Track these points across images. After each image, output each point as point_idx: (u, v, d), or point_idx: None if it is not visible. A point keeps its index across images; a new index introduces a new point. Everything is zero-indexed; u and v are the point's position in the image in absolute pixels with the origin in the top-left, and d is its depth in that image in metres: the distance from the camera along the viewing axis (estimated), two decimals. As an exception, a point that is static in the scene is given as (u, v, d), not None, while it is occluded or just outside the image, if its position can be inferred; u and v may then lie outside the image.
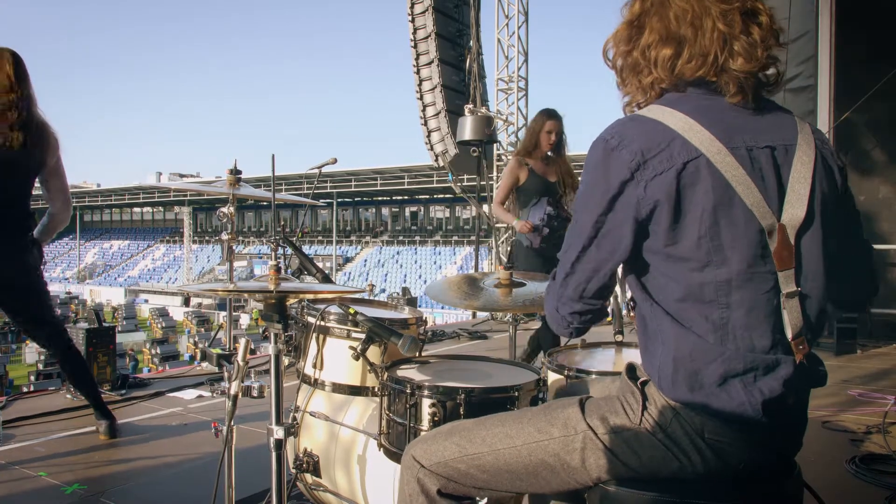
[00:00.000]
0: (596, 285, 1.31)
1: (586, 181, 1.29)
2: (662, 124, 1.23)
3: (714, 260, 1.20)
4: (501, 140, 10.43)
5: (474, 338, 7.03)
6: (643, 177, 1.20)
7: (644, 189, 1.20)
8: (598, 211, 1.25)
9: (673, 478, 1.25)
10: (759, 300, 1.21)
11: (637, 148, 1.21)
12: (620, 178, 1.22)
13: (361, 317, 2.01)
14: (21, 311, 3.18)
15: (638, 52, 1.32)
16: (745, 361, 1.20)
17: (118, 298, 43.70)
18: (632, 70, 1.34)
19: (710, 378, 1.21)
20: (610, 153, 1.23)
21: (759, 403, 1.19)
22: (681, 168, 1.19)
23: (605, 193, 1.23)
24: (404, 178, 39.47)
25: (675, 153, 1.20)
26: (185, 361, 21.40)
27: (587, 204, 1.27)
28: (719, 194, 1.19)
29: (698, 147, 1.20)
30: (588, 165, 1.28)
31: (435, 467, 1.39)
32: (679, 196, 1.20)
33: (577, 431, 1.30)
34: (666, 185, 1.19)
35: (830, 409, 3.91)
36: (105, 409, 3.37)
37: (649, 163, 1.20)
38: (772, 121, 1.28)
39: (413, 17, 10.03)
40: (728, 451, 1.22)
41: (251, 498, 2.55)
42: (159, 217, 58.68)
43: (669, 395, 1.24)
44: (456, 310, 19.95)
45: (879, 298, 6.77)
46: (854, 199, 1.42)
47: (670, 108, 1.26)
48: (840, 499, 2.61)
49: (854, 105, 6.41)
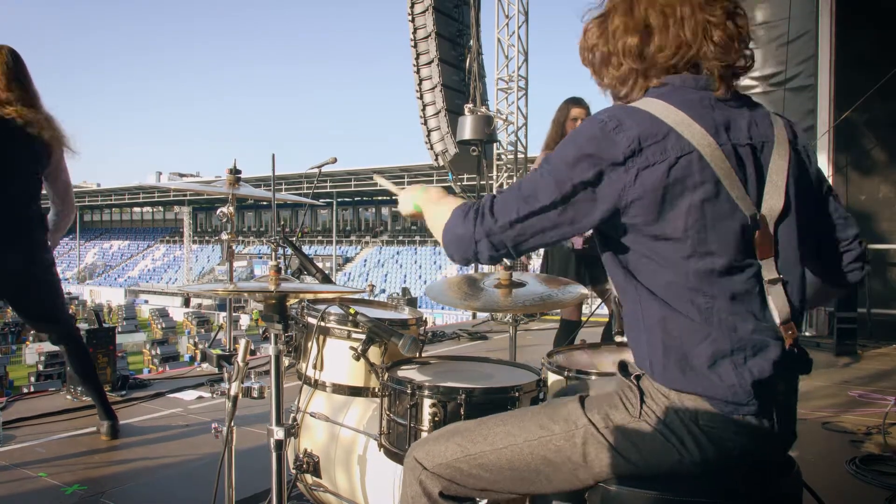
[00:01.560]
0: (534, 243, 1.30)
1: (575, 142, 1.26)
2: (656, 117, 1.24)
3: (699, 251, 1.22)
4: (501, 139, 10.43)
5: (474, 338, 7.03)
6: (635, 164, 1.20)
7: (634, 178, 1.20)
8: (580, 178, 1.23)
9: (673, 473, 1.26)
10: (742, 288, 1.24)
11: (634, 135, 1.21)
12: (613, 159, 1.21)
13: (362, 317, 2.01)
14: (38, 309, 3.19)
15: (607, 45, 1.35)
16: (731, 341, 1.22)
17: (118, 299, 43.69)
18: (603, 62, 1.37)
19: (700, 359, 1.22)
20: (607, 133, 1.22)
21: (749, 385, 1.20)
22: (673, 162, 1.20)
23: (593, 165, 1.22)
24: (404, 178, 39.43)
25: (668, 147, 1.21)
26: (185, 362, 21.39)
27: (567, 163, 1.24)
28: (708, 188, 1.21)
29: (691, 141, 1.21)
30: (579, 134, 1.26)
31: (437, 469, 1.39)
32: (665, 191, 1.20)
33: (577, 426, 1.31)
34: (655, 179, 1.20)
35: (830, 409, 3.91)
36: (110, 409, 3.39)
37: (644, 152, 1.20)
38: (751, 116, 1.32)
39: (413, 17, 10.04)
40: (722, 437, 1.22)
41: (251, 498, 2.55)
42: (159, 217, 58.70)
43: (662, 381, 1.26)
44: (456, 310, 19.94)
45: (879, 298, 6.78)
46: (828, 182, 1.46)
47: (662, 101, 1.27)
48: (840, 499, 2.61)
49: (854, 105, 6.41)
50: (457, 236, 1.34)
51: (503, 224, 1.28)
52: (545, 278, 2.44)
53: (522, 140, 10.65)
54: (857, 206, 7.24)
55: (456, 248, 1.35)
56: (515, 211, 1.27)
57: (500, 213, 1.29)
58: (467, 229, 1.31)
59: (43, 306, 3.18)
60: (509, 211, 1.28)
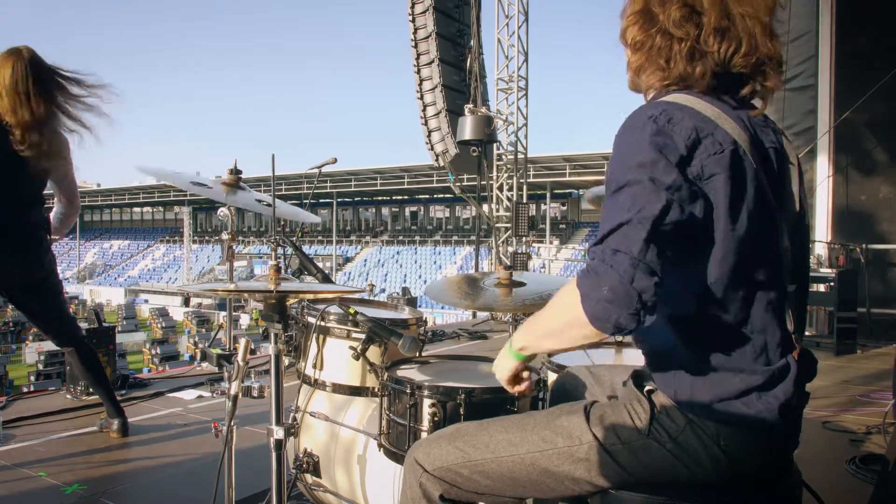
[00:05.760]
0: (667, 254, 1.12)
1: (636, 148, 1.14)
2: (699, 112, 1.18)
3: (744, 254, 1.16)
4: (501, 140, 10.43)
5: (474, 338, 7.03)
6: (699, 154, 1.14)
7: (701, 167, 1.13)
8: (670, 171, 1.12)
9: (678, 483, 1.25)
10: (773, 296, 1.21)
11: (690, 125, 1.15)
12: (680, 153, 1.13)
13: (361, 317, 2.01)
14: (44, 311, 3.21)
15: (690, 39, 1.22)
16: (763, 375, 1.20)
17: (118, 298, 43.67)
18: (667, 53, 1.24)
19: (730, 393, 1.20)
20: (663, 127, 1.15)
21: (776, 409, 1.20)
22: (732, 153, 1.15)
23: (673, 154, 1.13)
24: (404, 178, 39.45)
25: (719, 139, 1.15)
26: (185, 361, 21.38)
27: (647, 161, 1.12)
28: (756, 186, 1.17)
29: (734, 137, 1.17)
30: (632, 141, 1.15)
31: (437, 472, 1.39)
32: (733, 179, 1.13)
33: (581, 442, 1.29)
34: (723, 164, 1.13)
35: (830, 409, 3.91)
36: (118, 406, 3.41)
37: (703, 143, 1.14)
38: (764, 121, 1.30)
39: (413, 17, 10.02)
40: (742, 455, 1.21)
41: (251, 498, 2.55)
42: (159, 217, 58.64)
43: (686, 408, 1.23)
44: (456, 310, 19.94)
45: (879, 298, 6.78)
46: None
47: (695, 97, 1.21)
48: (840, 499, 2.61)
49: (854, 105, 6.41)
50: (614, 294, 1.09)
51: (642, 246, 1.10)
52: (545, 278, 2.44)
53: (522, 140, 10.65)
54: (857, 206, 7.25)
55: (617, 307, 1.09)
56: (637, 231, 1.11)
57: (627, 238, 1.11)
58: (612, 278, 1.09)
59: (51, 309, 3.22)
60: (637, 233, 1.10)
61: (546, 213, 37.54)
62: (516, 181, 10.58)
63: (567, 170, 33.85)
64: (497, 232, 10.48)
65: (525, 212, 10.07)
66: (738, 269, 1.16)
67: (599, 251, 1.12)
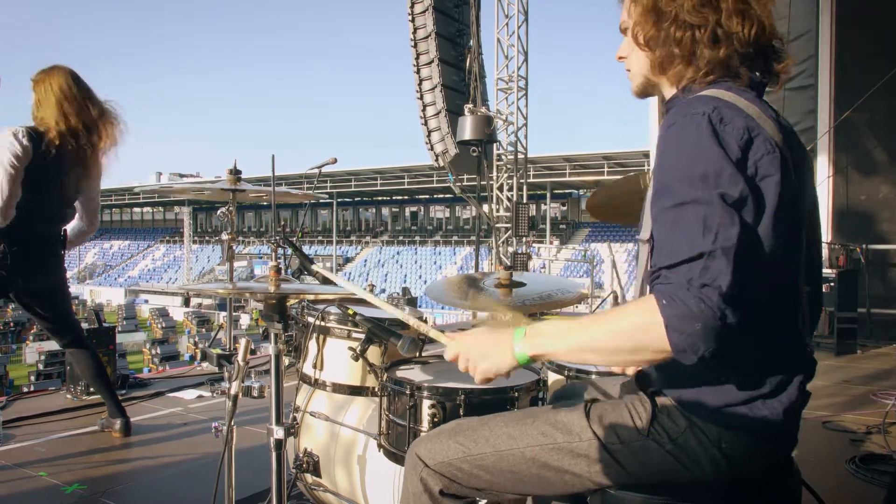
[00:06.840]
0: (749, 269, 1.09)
1: (695, 153, 1.10)
2: (743, 110, 1.16)
3: (775, 257, 1.14)
4: (501, 140, 10.44)
5: (474, 338, 7.01)
6: (752, 155, 1.12)
7: (755, 168, 1.11)
8: (736, 181, 1.09)
9: (677, 483, 1.25)
10: (790, 300, 1.21)
11: (742, 124, 1.12)
12: (736, 155, 1.10)
13: (361, 317, 2.01)
14: (55, 314, 3.33)
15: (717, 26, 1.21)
16: (771, 384, 1.20)
17: (118, 298, 43.66)
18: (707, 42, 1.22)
19: (737, 400, 1.20)
20: (717, 124, 1.12)
21: (781, 413, 1.20)
22: (781, 153, 1.14)
23: (733, 157, 1.10)
24: (404, 178, 39.44)
25: (767, 139, 1.14)
26: (185, 361, 21.36)
27: (710, 172, 1.08)
28: (796, 188, 1.16)
29: (775, 138, 1.15)
30: (689, 141, 1.12)
31: (438, 467, 1.39)
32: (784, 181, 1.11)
33: (581, 439, 1.29)
34: (776, 165, 1.12)
35: (830, 409, 3.91)
36: (121, 406, 3.44)
37: (755, 142, 1.12)
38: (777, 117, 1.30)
39: (413, 17, 10.03)
40: (744, 458, 1.21)
41: (251, 498, 2.55)
42: (159, 217, 58.66)
43: (689, 411, 1.23)
44: (456, 310, 19.92)
45: (879, 298, 6.78)
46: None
47: (735, 94, 1.19)
48: (840, 499, 2.61)
49: (854, 105, 6.41)
50: (703, 329, 1.05)
51: (728, 265, 1.06)
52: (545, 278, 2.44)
53: (522, 140, 10.66)
54: (857, 206, 7.25)
55: (705, 342, 1.05)
56: (724, 249, 1.07)
57: (710, 263, 1.06)
58: (704, 314, 1.04)
59: (62, 313, 3.35)
60: (725, 254, 1.07)
61: (546, 214, 37.51)
62: (516, 181, 10.60)
63: (567, 170, 33.84)
64: (497, 232, 10.49)
65: (525, 212, 10.08)
66: (763, 274, 1.12)
67: (683, 280, 1.06)
